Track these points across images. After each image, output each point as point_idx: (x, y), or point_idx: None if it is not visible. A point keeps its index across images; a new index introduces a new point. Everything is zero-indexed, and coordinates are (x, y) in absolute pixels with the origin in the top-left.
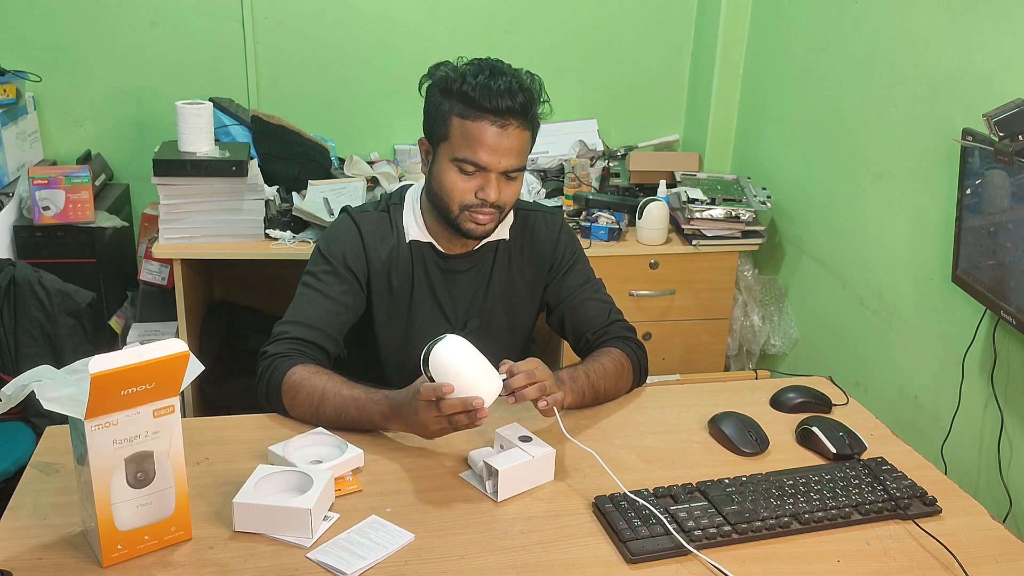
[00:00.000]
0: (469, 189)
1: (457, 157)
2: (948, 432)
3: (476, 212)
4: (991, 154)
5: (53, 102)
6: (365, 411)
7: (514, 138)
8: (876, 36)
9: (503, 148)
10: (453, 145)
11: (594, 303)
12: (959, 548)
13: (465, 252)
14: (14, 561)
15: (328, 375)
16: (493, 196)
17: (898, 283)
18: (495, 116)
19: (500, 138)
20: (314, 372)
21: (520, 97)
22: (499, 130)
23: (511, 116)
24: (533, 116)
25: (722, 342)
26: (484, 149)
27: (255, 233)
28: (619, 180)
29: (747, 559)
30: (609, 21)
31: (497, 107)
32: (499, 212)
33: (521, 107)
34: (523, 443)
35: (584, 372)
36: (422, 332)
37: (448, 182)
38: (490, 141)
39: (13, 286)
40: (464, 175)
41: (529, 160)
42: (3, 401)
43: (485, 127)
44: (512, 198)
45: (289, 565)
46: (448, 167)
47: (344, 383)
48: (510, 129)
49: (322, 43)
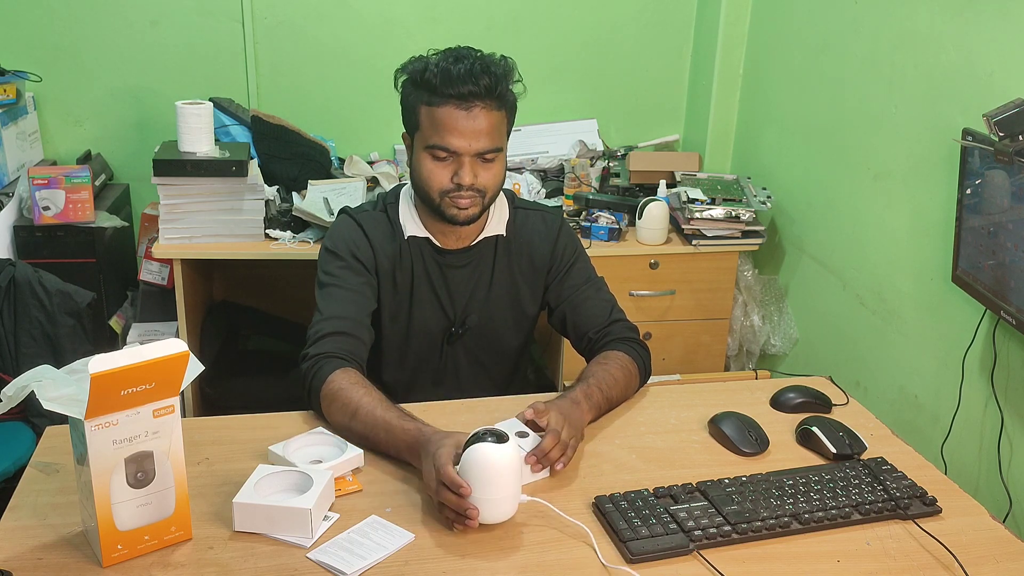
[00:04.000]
0: (445, 175)
1: (429, 144)
2: (948, 432)
3: (456, 197)
4: (991, 154)
5: (53, 102)
6: (392, 438)
7: (481, 119)
8: (876, 36)
9: (471, 130)
10: (424, 133)
11: (595, 302)
12: (959, 548)
13: (462, 247)
14: (14, 561)
15: (366, 388)
16: (468, 179)
17: (898, 283)
18: (459, 100)
19: (467, 121)
20: (353, 382)
21: (485, 79)
22: (465, 113)
23: (475, 99)
24: (502, 95)
25: (722, 342)
26: (452, 133)
27: (255, 233)
28: (619, 180)
29: (747, 559)
30: (609, 21)
31: (459, 92)
32: (481, 196)
33: (486, 89)
34: (520, 438)
35: (597, 386)
36: (423, 327)
37: (425, 171)
38: (458, 125)
39: (13, 286)
40: (438, 161)
41: (529, 160)
42: (3, 402)
43: (450, 111)
44: (493, 181)
45: (289, 565)
46: (423, 156)
47: (380, 402)
48: (475, 111)
49: (322, 43)
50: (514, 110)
